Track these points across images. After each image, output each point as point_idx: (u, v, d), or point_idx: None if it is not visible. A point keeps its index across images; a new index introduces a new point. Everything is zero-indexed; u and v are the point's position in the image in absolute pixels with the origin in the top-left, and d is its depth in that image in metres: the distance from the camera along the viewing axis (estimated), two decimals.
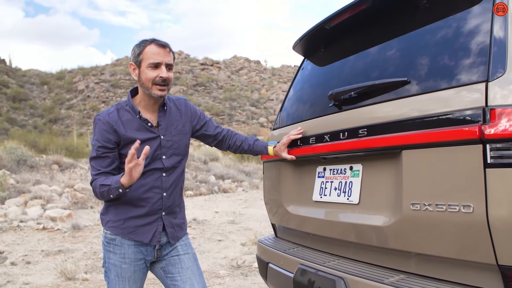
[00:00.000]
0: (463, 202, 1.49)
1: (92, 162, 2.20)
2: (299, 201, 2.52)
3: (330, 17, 2.31)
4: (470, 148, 1.47)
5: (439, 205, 1.56)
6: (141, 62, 2.16)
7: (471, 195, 1.47)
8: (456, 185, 1.52)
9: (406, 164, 1.71)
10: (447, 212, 1.54)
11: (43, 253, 6.48)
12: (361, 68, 2.22)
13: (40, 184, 11.76)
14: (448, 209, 1.53)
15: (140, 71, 2.17)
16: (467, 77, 1.57)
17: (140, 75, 2.17)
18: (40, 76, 58.94)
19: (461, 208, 1.49)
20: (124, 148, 2.19)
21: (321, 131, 2.23)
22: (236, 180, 17.36)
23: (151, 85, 2.15)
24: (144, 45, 2.16)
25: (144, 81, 2.16)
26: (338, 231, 2.14)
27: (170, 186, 2.29)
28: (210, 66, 59.79)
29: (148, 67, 2.14)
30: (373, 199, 1.95)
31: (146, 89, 2.18)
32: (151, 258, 2.29)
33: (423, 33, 1.88)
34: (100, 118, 2.20)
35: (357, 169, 2.07)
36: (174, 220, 2.34)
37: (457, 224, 1.52)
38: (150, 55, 2.14)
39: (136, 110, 2.22)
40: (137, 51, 2.17)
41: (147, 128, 2.23)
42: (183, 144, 2.36)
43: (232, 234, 8.02)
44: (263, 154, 2.60)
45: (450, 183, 1.54)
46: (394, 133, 1.75)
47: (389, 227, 1.78)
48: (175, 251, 2.34)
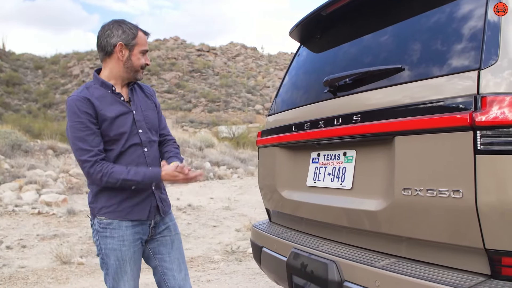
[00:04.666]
0: (453, 188, 1.52)
1: (79, 144, 2.13)
2: (293, 186, 2.56)
3: (326, 3, 2.31)
4: (461, 135, 1.50)
5: (429, 190, 1.59)
6: (134, 46, 2.24)
7: (461, 181, 1.50)
8: (446, 171, 1.55)
9: (399, 150, 1.74)
10: (437, 197, 1.57)
11: (38, 237, 6.51)
12: (356, 55, 2.24)
13: (35, 169, 11.71)
14: (438, 194, 1.57)
15: (132, 54, 2.25)
16: (460, 65, 1.59)
17: (130, 57, 2.25)
18: (34, 60, 58.38)
19: (451, 193, 1.52)
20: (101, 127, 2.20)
21: (316, 117, 2.25)
22: (231, 167, 17.37)
23: (139, 69, 2.29)
24: (136, 30, 2.26)
25: (135, 64, 2.26)
26: (331, 216, 2.18)
27: (153, 160, 2.34)
28: (207, 52, 59.42)
29: (140, 53, 2.26)
30: (366, 185, 1.99)
31: (132, 71, 2.27)
32: (146, 237, 2.34)
33: (417, 20, 1.91)
34: (74, 97, 2.19)
35: (351, 155, 2.09)
36: (161, 195, 2.39)
37: (447, 209, 1.55)
38: (143, 42, 2.28)
39: (109, 85, 2.26)
40: (131, 33, 2.23)
41: (120, 102, 2.27)
42: (154, 119, 2.42)
43: (226, 220, 8.07)
44: None
45: (441, 169, 1.57)
46: (387, 119, 1.78)
47: (381, 211, 1.82)
48: (167, 231, 2.41)
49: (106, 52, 2.25)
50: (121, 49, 2.23)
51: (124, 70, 2.27)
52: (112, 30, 2.22)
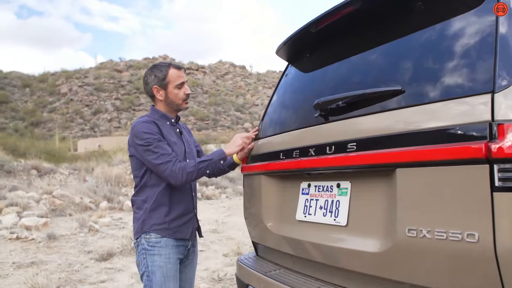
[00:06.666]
0: (467, 230, 1.30)
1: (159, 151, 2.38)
2: (281, 219, 2.32)
3: (316, 19, 2.12)
4: (475, 169, 1.28)
5: (439, 232, 1.37)
6: (167, 84, 2.55)
7: (476, 222, 1.28)
8: (458, 210, 1.33)
9: (401, 184, 1.52)
10: (448, 241, 1.35)
11: (14, 266, 6.15)
12: (350, 76, 2.03)
13: (16, 191, 11.36)
14: (449, 237, 1.34)
15: (168, 92, 2.56)
16: (470, 87, 1.39)
17: (167, 95, 2.57)
18: (22, 78, 57.92)
19: (464, 236, 1.30)
20: None
21: (306, 144, 2.02)
22: (220, 187, 17.10)
23: (181, 102, 2.60)
24: (166, 70, 2.54)
25: (174, 99, 2.57)
26: (323, 255, 1.94)
27: (194, 187, 2.70)
28: (196, 71, 59.48)
29: (175, 88, 2.56)
30: (363, 221, 1.75)
31: (175, 105, 2.60)
32: (182, 257, 2.62)
33: (418, 38, 1.70)
34: (140, 120, 2.49)
35: (345, 186, 1.87)
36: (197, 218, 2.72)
37: (459, 254, 1.33)
38: (175, 78, 2.55)
39: (170, 118, 2.61)
40: (161, 75, 2.53)
41: (177, 134, 2.63)
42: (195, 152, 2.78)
43: (214, 244, 7.78)
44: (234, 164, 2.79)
45: (452, 208, 1.35)
46: (387, 148, 1.56)
47: (381, 254, 1.59)
48: (192, 254, 2.75)
49: (151, 96, 2.63)
50: (158, 91, 2.57)
51: (164, 107, 2.60)
52: (147, 77, 2.58)
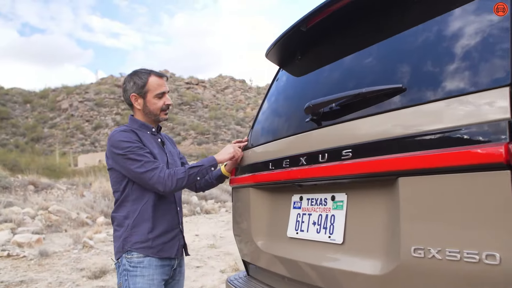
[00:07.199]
0: (486, 250, 1.08)
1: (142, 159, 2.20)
2: (272, 236, 2.10)
3: (306, 16, 1.92)
4: (493, 175, 1.07)
5: (451, 252, 1.15)
6: (146, 93, 2.36)
7: (496, 241, 1.06)
8: (474, 226, 1.11)
9: (404, 196, 1.30)
10: (462, 262, 1.13)
11: (2, 285, 5.90)
12: (345, 77, 1.82)
13: (11, 206, 11.18)
14: (463, 258, 1.12)
15: (146, 101, 2.37)
16: (483, 81, 1.18)
17: (146, 104, 2.38)
18: (23, 94, 58.13)
19: (482, 257, 1.08)
20: None
21: (296, 152, 1.81)
22: (219, 200, 16.86)
23: (159, 112, 2.40)
24: (146, 77, 2.35)
25: (152, 109, 2.38)
26: (317, 277, 1.71)
27: (179, 201, 2.50)
28: (196, 85, 59.58)
29: (155, 97, 2.37)
30: (362, 239, 1.53)
31: (153, 115, 2.40)
32: (168, 277, 2.42)
33: (423, 30, 1.50)
34: (117, 130, 2.31)
35: (341, 199, 1.65)
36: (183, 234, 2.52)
37: (477, 279, 1.11)
38: (156, 86, 2.36)
39: (150, 127, 2.42)
40: (140, 83, 2.34)
41: (158, 144, 2.44)
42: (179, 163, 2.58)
43: (211, 260, 7.53)
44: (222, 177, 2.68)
45: (466, 223, 1.13)
46: (387, 154, 1.34)
47: (382, 277, 1.37)
48: (179, 274, 2.53)
49: (130, 105, 2.44)
50: (136, 99, 2.38)
51: (146, 117, 2.42)
52: (126, 84, 2.39)
